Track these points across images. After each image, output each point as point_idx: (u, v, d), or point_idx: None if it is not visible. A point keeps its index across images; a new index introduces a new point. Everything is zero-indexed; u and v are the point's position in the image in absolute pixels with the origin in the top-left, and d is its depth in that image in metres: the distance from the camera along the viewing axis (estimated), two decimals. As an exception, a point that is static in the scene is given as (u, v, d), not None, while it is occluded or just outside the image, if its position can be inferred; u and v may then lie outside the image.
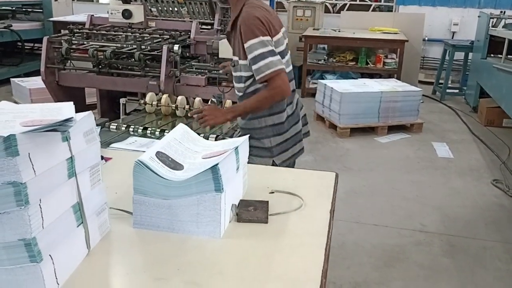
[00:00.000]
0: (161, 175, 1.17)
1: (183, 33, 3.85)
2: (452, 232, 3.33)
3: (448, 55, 6.75)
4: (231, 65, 2.21)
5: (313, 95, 6.09)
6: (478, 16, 6.39)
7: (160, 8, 4.35)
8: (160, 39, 3.50)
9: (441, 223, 3.45)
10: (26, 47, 6.98)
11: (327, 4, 8.14)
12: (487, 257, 3.05)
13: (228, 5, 2.29)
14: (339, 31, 7.00)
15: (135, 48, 3.27)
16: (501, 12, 5.97)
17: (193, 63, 3.67)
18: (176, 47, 3.21)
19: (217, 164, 1.16)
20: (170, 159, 1.27)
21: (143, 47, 3.28)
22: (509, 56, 5.57)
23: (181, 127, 1.48)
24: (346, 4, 8.09)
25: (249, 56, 2.01)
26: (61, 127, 0.97)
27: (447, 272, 2.88)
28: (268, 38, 2.00)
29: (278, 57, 2.02)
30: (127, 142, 2.12)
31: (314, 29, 7.12)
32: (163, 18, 4.30)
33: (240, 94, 2.21)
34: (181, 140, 1.41)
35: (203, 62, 3.84)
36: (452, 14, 7.62)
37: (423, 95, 5.98)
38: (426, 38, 7.55)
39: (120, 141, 2.20)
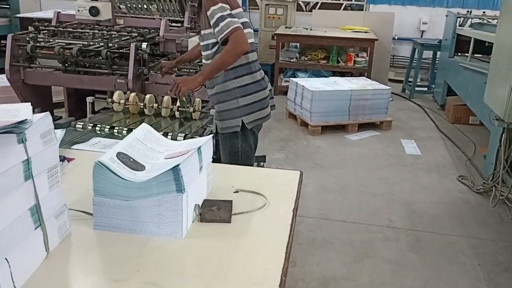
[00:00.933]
0: (122, 176, 1.17)
1: (152, 30, 3.82)
2: (418, 227, 3.41)
3: (417, 53, 6.89)
4: (199, 39, 2.54)
5: (285, 93, 6.13)
6: (446, 16, 6.54)
7: (129, 5, 4.30)
8: (128, 37, 3.47)
9: (408, 218, 3.53)
10: (-9, 44, 6.79)
11: (299, 2, 8.18)
12: (452, 251, 3.14)
13: None
14: (310, 29, 7.06)
15: (102, 46, 3.23)
16: (468, 11, 6.12)
17: (162, 61, 3.64)
18: (144, 45, 3.19)
19: (178, 165, 1.17)
20: (131, 159, 1.26)
21: (110, 44, 3.24)
22: (475, 55, 5.71)
23: (144, 127, 1.48)
24: (318, 2, 8.14)
25: (211, 21, 2.30)
26: (16, 129, 0.96)
27: (412, 266, 2.94)
28: (227, 6, 2.30)
29: (236, 19, 2.31)
30: (91, 143, 2.10)
31: (286, 27, 7.15)
32: (132, 15, 4.25)
33: (209, 61, 2.50)
34: (144, 140, 1.40)
35: (173, 60, 3.82)
36: (421, 13, 7.77)
37: (392, 93, 6.09)
38: (396, 37, 7.68)
39: (84, 142, 2.17)
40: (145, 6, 4.31)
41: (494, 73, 3.71)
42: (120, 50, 3.24)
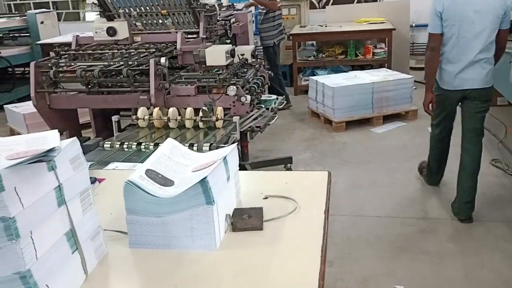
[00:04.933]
0: (152, 193, 1.18)
1: (170, 44, 3.87)
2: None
3: (437, 39, 6.74)
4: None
5: (306, 92, 6.10)
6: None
7: (145, 22, 4.36)
8: (146, 53, 3.52)
9: (443, 208, 3.46)
10: (17, 72, 6.99)
11: (312, 0, 8.16)
12: (491, 238, 3.06)
13: None
14: (325, 26, 7.02)
15: (122, 65, 3.28)
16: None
17: (181, 74, 3.68)
18: (163, 59, 3.23)
19: (205, 177, 1.17)
20: (160, 175, 1.28)
21: (130, 62, 3.29)
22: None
23: (169, 142, 1.49)
24: (330, -2, 8.11)
25: None
26: (45, 157, 0.98)
27: (452, 256, 2.89)
28: None
29: None
30: (108, 168, 2.11)
31: (301, 27, 7.14)
32: (149, 31, 4.31)
33: None
34: (170, 155, 1.42)
35: (192, 71, 3.86)
36: (437, -3, 7.61)
37: (415, 81, 5.98)
38: (414, 24, 7.56)
39: (102, 168, 2.17)
40: (160, 21, 4.37)
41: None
42: (140, 67, 3.29)
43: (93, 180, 1.65)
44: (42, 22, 7.26)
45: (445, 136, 3.59)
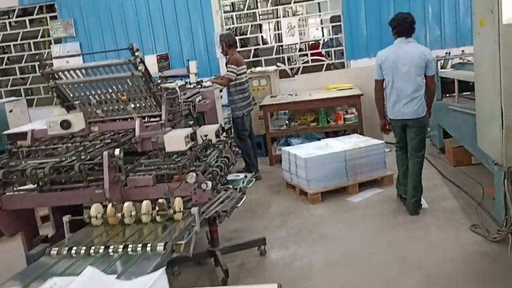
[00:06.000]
0: None
1: (130, 131, 3.77)
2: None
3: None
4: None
5: (281, 161, 5.98)
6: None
7: (105, 108, 4.28)
8: (102, 145, 3.39)
9: (423, 285, 3.26)
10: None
11: (285, 68, 8.27)
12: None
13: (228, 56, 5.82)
14: (296, 95, 7.06)
15: (75, 159, 3.15)
16: (447, 53, 6.10)
17: (142, 161, 3.55)
18: (117, 151, 3.09)
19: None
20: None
21: (82, 157, 3.15)
22: (464, 93, 5.59)
23: (89, 271, 1.32)
24: (300, 67, 8.22)
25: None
26: None
27: None
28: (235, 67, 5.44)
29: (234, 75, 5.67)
30: (48, 286, 1.91)
31: (271, 97, 7.17)
32: (110, 117, 4.22)
33: None
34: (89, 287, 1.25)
35: (155, 156, 3.73)
36: (403, 59, 7.76)
37: (388, 142, 5.94)
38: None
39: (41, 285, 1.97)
40: (121, 107, 4.29)
41: (481, 115, 3.58)
42: (93, 161, 3.15)
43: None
44: (10, 111, 7.18)
45: (402, 152, 4.66)
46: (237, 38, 7.23)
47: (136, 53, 3.80)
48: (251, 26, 9.77)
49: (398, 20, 4.41)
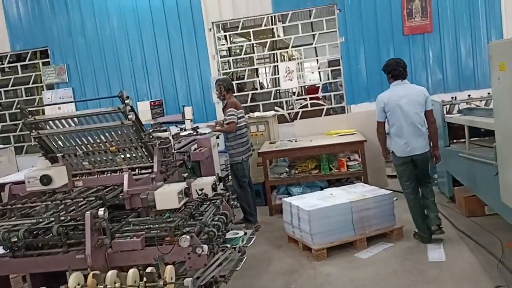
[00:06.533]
0: None
1: (117, 186, 3.43)
2: None
3: (411, 146, 6.53)
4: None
5: (282, 211, 5.60)
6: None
7: (93, 160, 3.95)
8: (85, 203, 3.05)
9: None
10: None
11: (284, 113, 8.04)
12: None
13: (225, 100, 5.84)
14: (295, 140, 6.78)
15: (53, 221, 2.79)
16: (452, 98, 5.85)
17: (130, 220, 3.19)
18: (101, 211, 2.74)
19: None
20: None
21: (62, 218, 2.80)
22: (473, 139, 5.30)
23: None
24: (298, 112, 7.99)
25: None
26: None
27: None
28: (235, 110, 5.57)
29: (236, 118, 5.62)
30: None
31: (270, 143, 6.88)
32: (98, 169, 3.88)
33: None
34: None
35: (145, 214, 3.38)
36: (405, 103, 7.55)
37: (394, 191, 5.59)
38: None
39: None
40: (110, 158, 3.97)
41: (505, 166, 3.26)
42: (74, 223, 2.80)
43: None
44: (-4, 161, 6.85)
45: (414, 191, 4.80)
46: (234, 82, 7.03)
47: (126, 101, 3.53)
48: (248, 70, 9.64)
49: (391, 65, 4.76)
